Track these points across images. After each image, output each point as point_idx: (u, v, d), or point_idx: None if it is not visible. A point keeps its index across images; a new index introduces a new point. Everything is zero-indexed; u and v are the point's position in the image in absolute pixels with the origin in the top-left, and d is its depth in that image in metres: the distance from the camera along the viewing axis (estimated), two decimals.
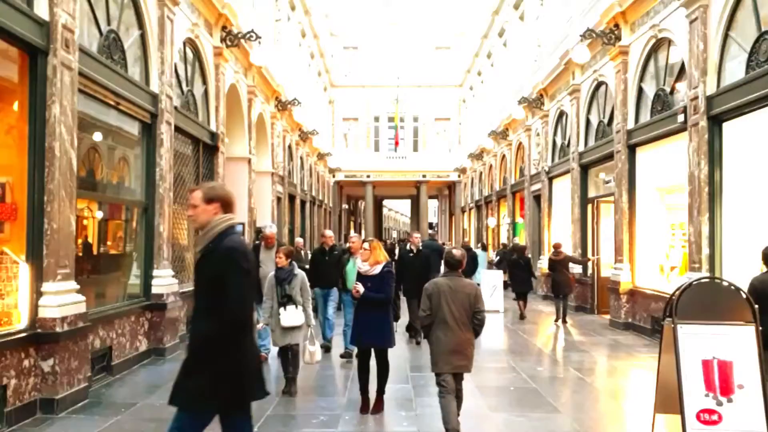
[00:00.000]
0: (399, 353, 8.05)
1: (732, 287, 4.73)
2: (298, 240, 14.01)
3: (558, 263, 11.90)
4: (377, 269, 5.87)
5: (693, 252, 8.45)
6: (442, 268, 5.22)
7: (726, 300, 4.71)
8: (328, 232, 9.65)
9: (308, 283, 6.60)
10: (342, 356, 8.33)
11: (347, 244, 9.16)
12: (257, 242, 9.11)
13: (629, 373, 7.78)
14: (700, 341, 4.51)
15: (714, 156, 8.21)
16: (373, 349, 5.86)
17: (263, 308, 6.61)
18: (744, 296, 4.65)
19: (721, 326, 4.56)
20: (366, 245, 6.13)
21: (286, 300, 6.43)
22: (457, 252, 5.08)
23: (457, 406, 4.91)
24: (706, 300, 4.70)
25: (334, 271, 8.60)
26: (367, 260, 5.97)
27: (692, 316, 4.59)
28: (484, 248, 20.70)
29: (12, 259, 5.53)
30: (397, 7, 35.27)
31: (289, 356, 6.50)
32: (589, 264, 13.11)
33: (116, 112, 7.55)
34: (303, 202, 22.50)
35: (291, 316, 6.40)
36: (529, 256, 14.18)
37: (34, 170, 5.58)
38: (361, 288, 5.74)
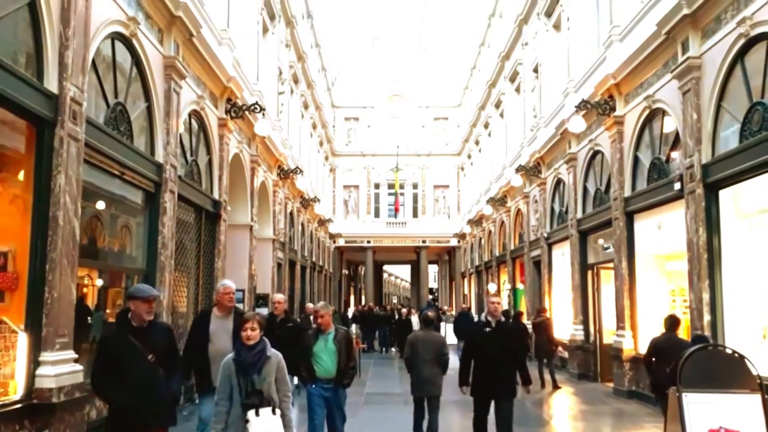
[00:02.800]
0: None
1: (735, 355, 4.70)
2: (309, 306, 13.74)
3: (538, 326, 12.04)
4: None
5: (695, 319, 8.41)
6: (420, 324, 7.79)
7: (730, 367, 4.68)
8: (278, 296, 7.65)
9: (286, 369, 4.48)
10: None
11: (313, 320, 6.86)
12: (205, 309, 7.19)
13: None
14: (706, 410, 4.46)
15: (712, 223, 8.27)
16: None
17: (215, 415, 4.31)
18: (748, 364, 4.63)
19: (727, 395, 4.51)
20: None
21: (255, 399, 4.20)
22: (431, 314, 7.66)
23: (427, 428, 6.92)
24: (710, 368, 4.67)
25: (289, 352, 6.17)
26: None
27: (696, 384, 4.55)
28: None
29: (11, 328, 5.50)
30: (398, 81, 36.13)
31: None
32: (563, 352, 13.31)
33: (120, 181, 7.66)
34: (303, 268, 22.49)
35: (265, 427, 4.14)
36: (527, 322, 14.13)
37: (36, 239, 5.62)
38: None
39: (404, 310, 21.89)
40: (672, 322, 6.74)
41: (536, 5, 17.44)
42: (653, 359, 6.58)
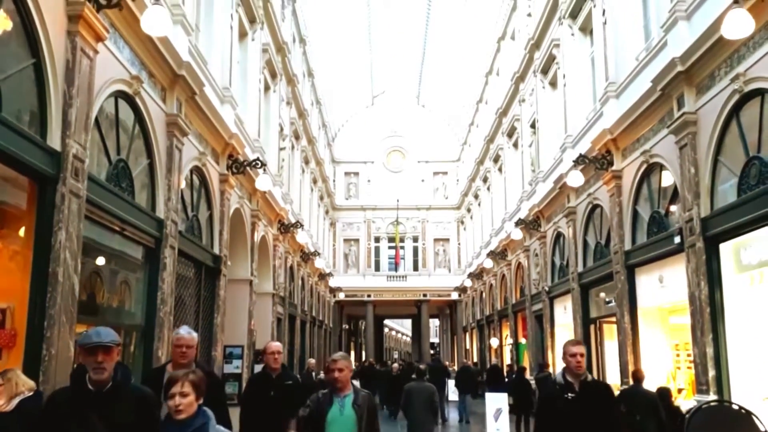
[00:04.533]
0: None
1: (742, 410, 4.63)
2: (311, 361, 13.55)
3: (541, 381, 12.07)
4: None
5: (699, 374, 8.30)
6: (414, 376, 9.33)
7: (737, 423, 4.60)
8: (274, 345, 5.88)
9: None
10: None
11: (322, 374, 6.21)
12: (159, 367, 5.49)
13: None
14: None
15: (713, 276, 8.23)
16: None
17: None
18: (755, 420, 4.55)
19: None
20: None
21: None
22: (422, 366, 9.95)
23: None
24: (717, 424, 4.60)
25: (285, 414, 5.42)
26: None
27: None
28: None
29: None
30: (397, 136, 36.68)
31: None
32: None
33: (121, 237, 7.67)
34: (303, 323, 22.32)
35: None
36: (530, 378, 13.97)
37: (35, 295, 5.60)
38: None
39: (395, 366, 21.64)
40: (637, 376, 8.18)
41: (532, 63, 17.80)
42: (623, 408, 7.13)
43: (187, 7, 9.46)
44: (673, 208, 9.63)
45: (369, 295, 34.47)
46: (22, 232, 5.91)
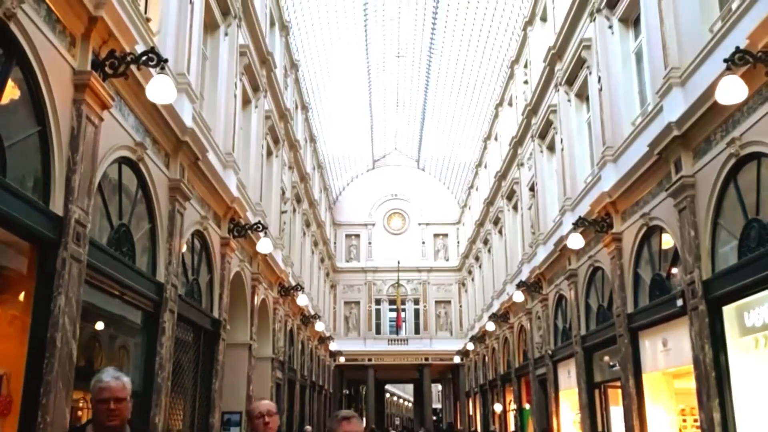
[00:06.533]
0: None
1: None
2: (308, 429, 13.33)
3: None
4: None
5: None
6: None
7: None
8: (265, 404, 4.23)
9: None
10: None
11: None
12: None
13: None
14: None
15: (717, 339, 8.13)
16: None
17: None
18: None
19: None
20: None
21: None
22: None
23: None
24: None
25: None
26: None
27: None
28: None
29: None
30: (397, 199, 37.02)
31: None
32: None
33: (120, 301, 7.64)
34: (303, 388, 21.96)
35: None
36: None
37: (32, 361, 5.53)
38: None
39: None
40: None
41: (530, 128, 18.09)
42: None
43: (191, 75, 9.69)
44: (674, 270, 9.60)
45: (370, 359, 34.04)
46: (21, 296, 5.89)
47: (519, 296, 18.44)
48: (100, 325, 7.58)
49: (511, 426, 21.40)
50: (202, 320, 10.43)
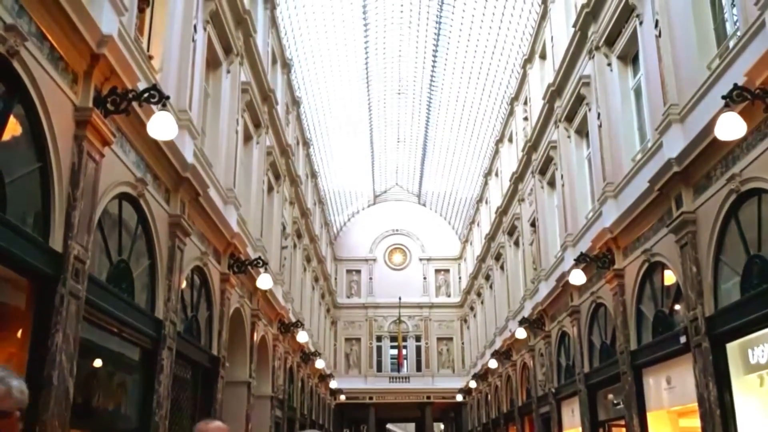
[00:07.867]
0: None
1: None
2: None
3: None
4: None
5: None
6: None
7: None
8: (215, 425, 3.47)
9: None
10: None
11: None
12: None
13: None
14: None
15: (721, 377, 8.02)
16: None
17: None
18: None
19: None
20: None
21: None
22: None
23: None
24: None
25: None
26: None
27: None
28: None
29: None
30: (398, 234, 37.07)
31: None
32: None
33: (119, 338, 7.56)
34: (303, 427, 21.63)
35: None
36: None
37: (29, 399, 5.44)
38: None
39: None
40: None
41: (530, 164, 18.15)
42: None
43: (193, 112, 9.75)
44: (677, 306, 9.53)
45: (371, 398, 33.64)
46: (19, 333, 5.83)
47: (521, 333, 18.28)
48: (97, 363, 7.49)
49: None
50: (200, 357, 10.32)
